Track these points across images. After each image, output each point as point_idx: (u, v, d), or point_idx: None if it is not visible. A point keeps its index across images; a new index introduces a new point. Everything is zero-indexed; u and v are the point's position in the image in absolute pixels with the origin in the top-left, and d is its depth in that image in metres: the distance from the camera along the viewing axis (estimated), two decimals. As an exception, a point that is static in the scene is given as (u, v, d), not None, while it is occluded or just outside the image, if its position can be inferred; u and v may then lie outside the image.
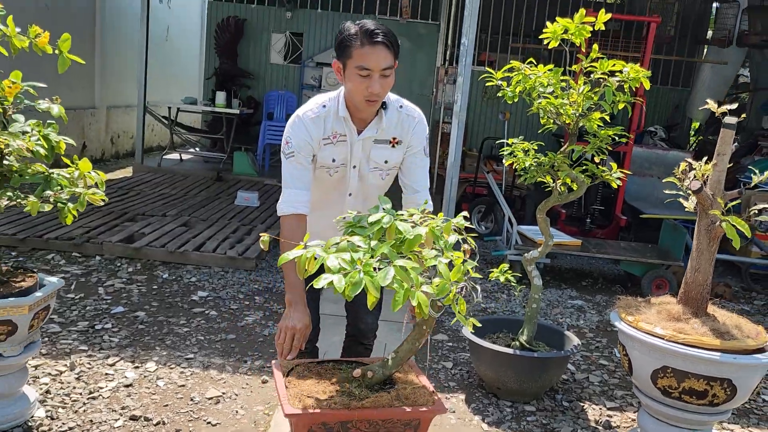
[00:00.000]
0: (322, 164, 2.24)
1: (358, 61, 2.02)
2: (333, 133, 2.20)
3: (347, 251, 1.52)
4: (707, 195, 2.43)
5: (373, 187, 2.29)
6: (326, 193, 2.32)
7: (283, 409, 1.64)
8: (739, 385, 2.36)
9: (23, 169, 2.43)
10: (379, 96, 2.09)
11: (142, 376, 3.01)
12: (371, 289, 1.44)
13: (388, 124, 2.21)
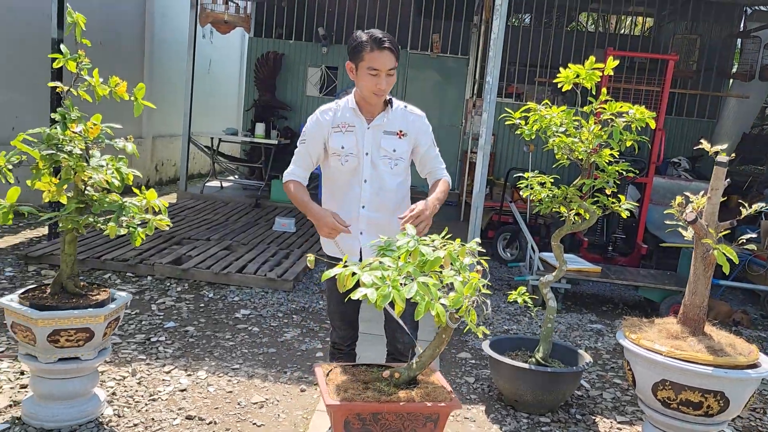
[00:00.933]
0: (334, 151, 2.63)
1: (369, 63, 2.48)
2: (342, 123, 2.63)
3: (379, 269, 1.85)
4: (702, 225, 2.71)
5: (386, 174, 2.64)
6: (344, 184, 2.67)
7: (324, 401, 1.97)
8: (731, 398, 2.61)
9: (102, 198, 2.83)
10: (384, 91, 2.55)
11: (194, 382, 3.37)
12: (398, 300, 1.77)
13: (394, 117, 2.64)
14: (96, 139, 2.86)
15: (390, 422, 1.98)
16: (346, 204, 2.66)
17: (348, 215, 2.61)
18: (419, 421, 2.01)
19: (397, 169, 2.67)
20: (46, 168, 2.75)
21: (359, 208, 2.65)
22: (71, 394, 2.83)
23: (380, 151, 2.63)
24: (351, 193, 2.66)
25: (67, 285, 2.87)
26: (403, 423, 2.00)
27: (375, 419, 1.97)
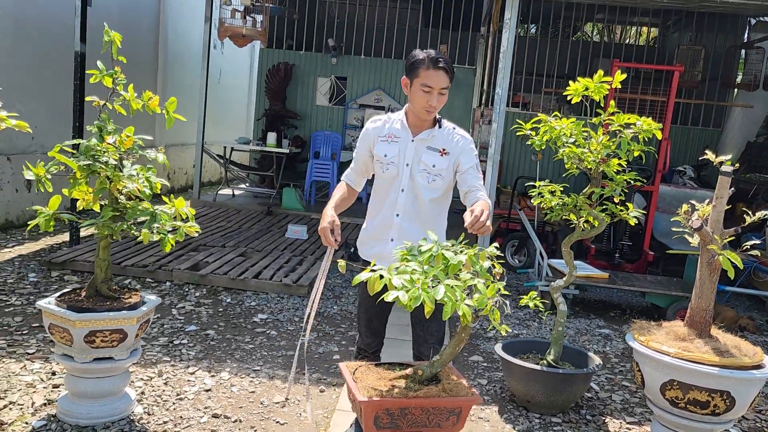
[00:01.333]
0: (377, 158, 2.76)
1: (424, 80, 2.59)
2: (390, 134, 2.75)
3: (407, 273, 1.99)
4: (707, 232, 2.84)
5: (422, 188, 2.70)
6: (384, 191, 2.78)
7: (356, 397, 2.09)
8: (737, 397, 2.72)
9: (135, 207, 2.97)
10: (435, 108, 2.65)
11: (218, 383, 3.50)
12: (427, 301, 1.90)
13: (440, 135, 2.72)
14: (129, 150, 3.01)
15: (416, 416, 2.11)
16: (383, 210, 2.78)
17: (384, 221, 2.74)
18: (443, 415, 2.14)
19: (434, 184, 2.72)
20: (83, 177, 2.90)
21: (394, 215, 2.73)
22: (105, 393, 2.97)
23: (420, 165, 2.70)
24: (388, 200, 2.76)
25: (101, 288, 3.02)
26: (428, 417, 2.12)
27: (402, 414, 2.10)
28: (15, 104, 6.36)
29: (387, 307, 2.88)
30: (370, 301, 2.78)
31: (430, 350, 2.72)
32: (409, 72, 2.65)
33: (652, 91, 8.54)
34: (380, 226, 2.74)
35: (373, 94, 10.82)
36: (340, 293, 5.51)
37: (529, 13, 11.06)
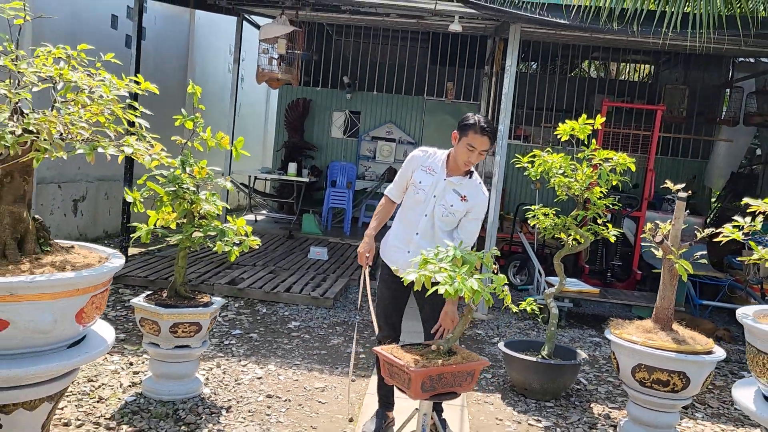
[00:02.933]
0: (413, 181, 3.39)
1: (470, 141, 3.20)
2: (429, 166, 3.38)
3: (445, 271, 2.68)
4: (667, 245, 3.55)
5: (438, 220, 3.33)
6: (410, 210, 3.40)
7: (408, 369, 2.75)
8: (691, 377, 3.41)
9: (208, 224, 3.71)
10: (472, 164, 3.30)
11: (267, 373, 4.19)
12: (467, 291, 2.59)
13: (467, 184, 3.34)
14: (205, 179, 3.76)
15: (447, 379, 2.80)
16: (406, 225, 3.41)
17: (405, 234, 3.38)
18: (463, 376, 2.83)
19: (446, 219, 3.32)
20: (168, 201, 3.64)
21: (414, 233, 3.35)
22: (181, 375, 3.67)
23: (443, 200, 3.32)
24: (413, 219, 3.39)
25: (179, 290, 3.73)
26: (454, 379, 2.81)
27: (439, 378, 2.79)
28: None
29: (402, 305, 3.55)
30: (389, 300, 3.48)
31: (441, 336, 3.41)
32: (460, 129, 3.27)
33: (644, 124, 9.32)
34: (402, 238, 3.40)
35: (385, 127, 11.63)
36: (361, 306, 6.21)
37: (529, 52, 11.90)
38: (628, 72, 14.42)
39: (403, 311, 3.56)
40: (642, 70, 14.48)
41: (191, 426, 3.34)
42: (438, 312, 3.37)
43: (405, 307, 3.56)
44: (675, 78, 9.74)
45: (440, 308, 3.38)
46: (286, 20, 6.87)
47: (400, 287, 3.36)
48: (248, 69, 11.50)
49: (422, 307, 3.46)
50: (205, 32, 11.32)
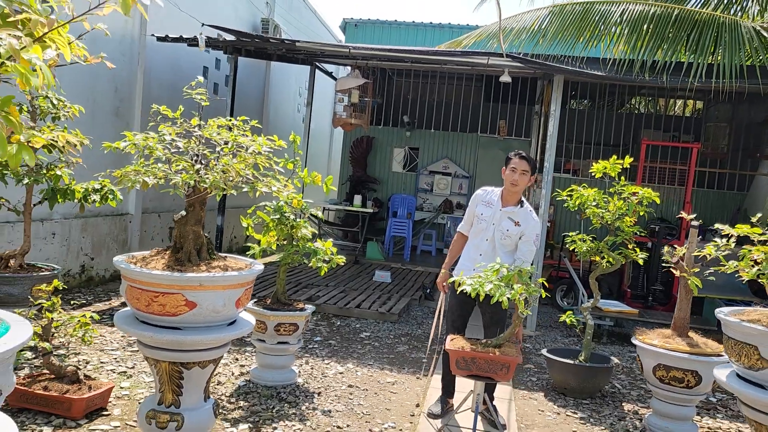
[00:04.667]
0: (476, 214, 4.25)
1: (511, 164, 4.12)
2: (488, 201, 4.24)
3: (491, 281, 3.51)
4: (682, 266, 4.27)
5: (498, 242, 4.14)
6: (476, 237, 4.25)
7: (446, 347, 3.58)
8: (703, 375, 4.08)
9: (303, 245, 4.63)
10: (517, 181, 4.10)
11: (347, 369, 5.06)
12: (505, 299, 3.40)
13: (519, 212, 4.17)
14: (301, 208, 4.70)
15: (481, 364, 3.59)
16: (472, 249, 4.25)
17: (471, 256, 4.20)
18: (498, 366, 3.61)
19: (504, 241, 4.14)
20: (273, 226, 4.59)
21: (478, 254, 4.18)
22: (281, 365, 4.57)
23: (500, 227, 4.15)
24: (477, 244, 4.24)
25: (281, 297, 4.66)
26: (488, 366, 3.60)
27: (473, 361, 3.59)
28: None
29: (467, 313, 4.36)
30: (456, 309, 4.30)
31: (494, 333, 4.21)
32: (505, 164, 4.20)
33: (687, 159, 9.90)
34: (469, 258, 4.23)
35: (441, 162, 12.53)
36: (422, 321, 7.03)
37: (578, 89, 12.62)
38: (677, 107, 14.92)
39: (467, 319, 4.32)
40: (691, 105, 14.96)
41: (292, 403, 4.23)
42: (496, 319, 4.18)
43: (469, 316, 4.33)
44: (716, 116, 10.28)
45: (498, 317, 4.19)
46: (359, 73, 7.91)
47: (466, 299, 4.16)
48: (314, 108, 12.65)
49: (484, 314, 4.27)
50: (277, 77, 12.55)
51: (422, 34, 13.40)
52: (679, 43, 6.28)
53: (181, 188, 2.86)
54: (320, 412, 4.14)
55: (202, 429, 3.06)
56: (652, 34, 6.32)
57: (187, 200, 3.04)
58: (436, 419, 4.14)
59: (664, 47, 6.31)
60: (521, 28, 6.82)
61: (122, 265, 2.88)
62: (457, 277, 3.68)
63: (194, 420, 3.00)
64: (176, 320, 2.84)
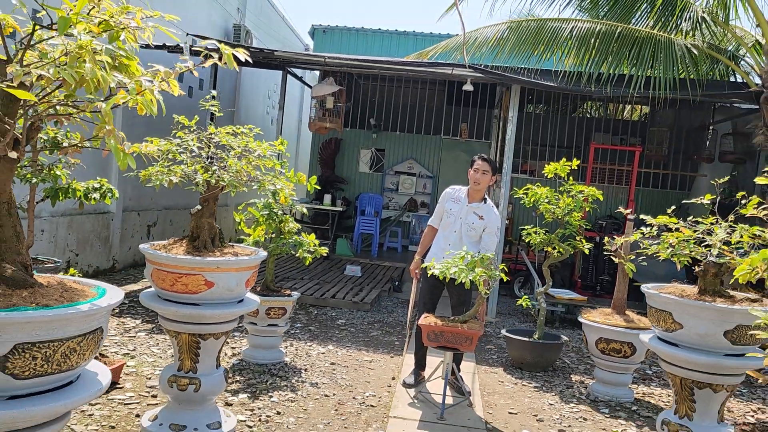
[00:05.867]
0: (445, 209, 4.88)
1: (475, 165, 4.77)
2: (455, 198, 4.87)
3: (457, 266, 4.12)
4: (620, 253, 4.96)
5: (465, 234, 4.78)
6: (446, 229, 4.87)
7: (419, 323, 4.18)
8: (637, 347, 4.78)
9: (289, 237, 5.17)
10: (479, 182, 4.76)
11: (328, 350, 5.61)
12: (467, 280, 4.01)
13: (483, 208, 4.81)
14: (288, 205, 5.23)
15: (448, 337, 4.20)
16: (443, 240, 4.86)
17: (441, 246, 4.80)
18: (462, 338, 4.22)
19: (470, 233, 4.79)
20: (263, 221, 5.12)
21: (447, 244, 4.79)
22: (270, 346, 5.10)
23: (466, 220, 4.79)
24: (446, 235, 4.86)
25: (269, 284, 5.19)
26: (454, 338, 4.21)
27: (441, 334, 4.20)
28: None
29: (437, 295, 4.97)
30: (428, 291, 4.90)
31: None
32: (470, 165, 4.85)
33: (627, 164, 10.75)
34: (439, 248, 4.83)
35: (407, 162, 13.16)
36: (392, 310, 7.63)
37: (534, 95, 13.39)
38: (625, 112, 15.86)
39: (437, 300, 4.93)
40: (638, 110, 15.94)
41: (282, 377, 4.76)
42: (463, 301, 4.81)
43: (439, 298, 4.94)
44: (659, 121, 11.17)
45: (465, 298, 4.81)
46: (333, 81, 8.46)
47: (437, 282, 4.75)
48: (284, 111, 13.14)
49: (452, 295, 4.89)
50: (248, 81, 12.97)
51: (387, 41, 14.02)
52: (622, 58, 7.03)
53: (202, 186, 3.38)
54: (308, 384, 4.69)
55: (215, 391, 3.58)
56: (598, 49, 7.06)
57: (201, 197, 3.56)
58: (410, 388, 4.74)
59: (608, 61, 7.05)
60: (482, 41, 7.48)
61: (149, 251, 3.38)
62: (429, 263, 4.28)
63: (209, 383, 3.52)
64: (196, 297, 3.36)
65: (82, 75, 1.64)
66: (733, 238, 3.35)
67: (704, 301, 3.31)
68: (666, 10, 6.97)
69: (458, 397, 4.65)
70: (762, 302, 3.33)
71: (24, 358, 1.77)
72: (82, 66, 1.63)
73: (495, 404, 4.66)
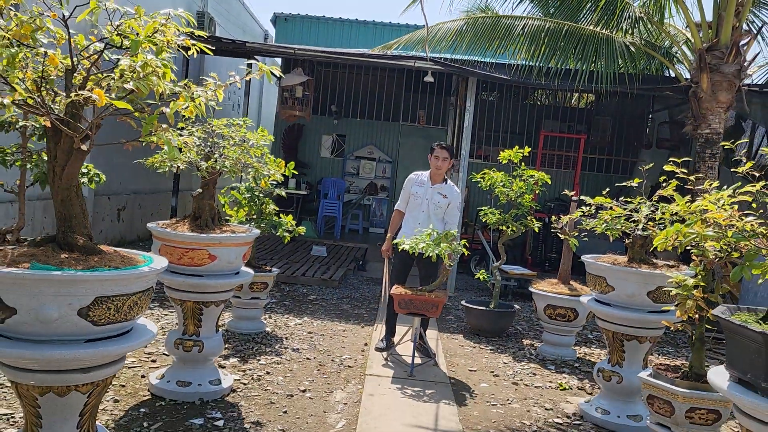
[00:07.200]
0: (412, 193, 5.45)
1: (435, 153, 5.36)
2: (420, 182, 5.45)
3: (425, 242, 4.69)
4: (565, 230, 5.63)
5: (432, 212, 5.35)
6: (414, 210, 5.43)
7: (392, 293, 4.76)
8: (579, 312, 5.47)
9: (269, 218, 5.65)
10: (440, 167, 5.35)
11: (304, 321, 6.14)
12: (433, 253, 4.59)
13: (446, 188, 5.41)
14: (268, 189, 5.70)
15: (416, 305, 4.79)
16: (412, 220, 5.41)
17: (411, 227, 5.36)
18: (429, 305, 4.81)
19: (436, 211, 5.37)
20: (246, 204, 5.58)
21: (417, 223, 5.35)
22: (253, 317, 5.59)
23: (432, 200, 5.38)
24: (416, 216, 5.42)
25: (251, 261, 5.66)
26: (423, 305, 4.80)
27: (411, 302, 4.78)
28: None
29: (407, 269, 5.54)
30: (399, 266, 5.46)
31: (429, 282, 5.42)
32: (430, 152, 5.42)
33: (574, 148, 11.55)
34: (409, 227, 5.39)
35: (367, 148, 13.67)
36: (358, 287, 8.19)
37: (488, 84, 14.05)
38: (573, 100, 16.73)
39: (407, 273, 5.50)
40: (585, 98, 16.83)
41: (266, 344, 5.27)
42: (430, 273, 5.38)
43: (409, 271, 5.51)
44: (603, 109, 11.99)
45: (432, 271, 5.38)
46: (301, 71, 8.89)
47: (407, 258, 5.31)
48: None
49: (420, 269, 5.46)
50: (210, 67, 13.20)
51: (347, 30, 14.43)
52: (568, 53, 7.69)
53: (205, 171, 3.84)
54: (290, 349, 5.22)
55: (215, 352, 4.08)
56: (547, 45, 7.71)
57: (202, 180, 4.02)
58: (382, 351, 5.31)
59: (556, 56, 7.70)
60: (442, 36, 8.03)
61: (158, 229, 3.84)
62: (400, 239, 4.85)
63: (210, 345, 4.01)
64: (200, 269, 3.84)
65: (148, 84, 2.11)
66: (657, 215, 4.02)
67: (632, 267, 3.98)
68: (608, 9, 7.65)
69: (425, 358, 5.25)
70: (678, 268, 4.02)
71: (101, 308, 2.24)
72: (149, 79, 2.10)
73: (457, 364, 5.28)
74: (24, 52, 2.18)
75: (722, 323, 2.58)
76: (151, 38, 2.14)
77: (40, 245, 2.50)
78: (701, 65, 6.99)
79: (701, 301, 3.17)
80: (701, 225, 3.08)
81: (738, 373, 2.50)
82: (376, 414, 4.00)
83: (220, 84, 2.45)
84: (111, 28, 2.22)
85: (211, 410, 3.81)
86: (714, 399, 3.13)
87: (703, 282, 3.19)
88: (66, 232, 2.49)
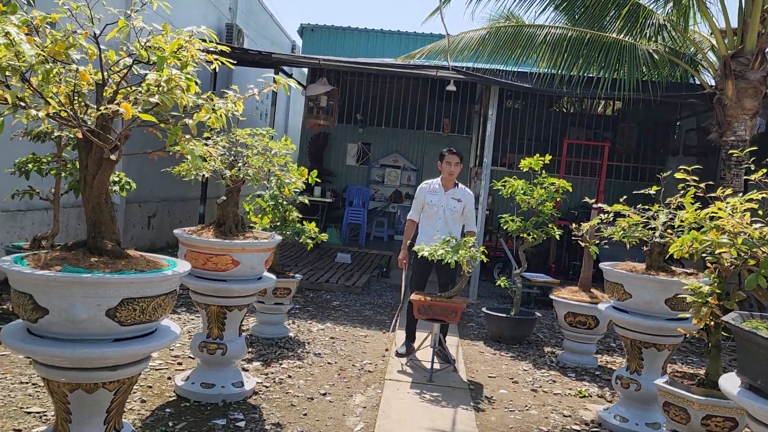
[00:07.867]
0: (426, 202, 5.53)
1: (446, 159, 5.46)
2: (432, 190, 5.54)
3: (443, 249, 4.76)
4: (585, 237, 5.64)
5: (449, 218, 5.45)
6: (430, 219, 5.52)
7: (411, 298, 4.83)
8: (600, 319, 5.47)
9: (293, 225, 5.77)
10: (452, 173, 5.44)
11: (326, 327, 6.24)
12: (452, 260, 4.66)
13: (458, 191, 5.50)
14: (291, 196, 5.83)
15: (436, 311, 4.85)
16: (429, 228, 5.50)
17: (429, 234, 5.45)
18: (448, 311, 4.87)
19: (453, 216, 5.48)
20: (270, 211, 5.71)
21: (435, 231, 5.45)
22: (276, 322, 5.71)
23: (447, 206, 5.48)
24: (432, 224, 5.51)
25: (275, 267, 5.78)
26: (442, 311, 4.86)
27: (429, 307, 4.84)
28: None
29: (426, 276, 5.62)
30: (418, 273, 5.54)
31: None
32: (440, 158, 5.52)
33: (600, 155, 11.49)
34: (427, 235, 5.48)
35: (391, 156, 13.78)
36: (381, 293, 8.27)
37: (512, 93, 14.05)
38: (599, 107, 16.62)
39: (426, 280, 5.59)
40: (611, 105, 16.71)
41: (289, 349, 5.38)
42: (448, 280, 5.45)
43: (428, 278, 5.59)
44: (629, 117, 11.92)
45: (450, 278, 5.45)
46: (326, 81, 9.05)
47: (426, 264, 5.39)
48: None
49: (439, 276, 5.53)
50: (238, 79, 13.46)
51: (372, 40, 14.59)
52: (591, 61, 7.70)
53: (228, 179, 3.97)
54: (312, 354, 5.32)
55: (238, 356, 4.19)
56: (569, 53, 7.73)
57: (226, 188, 4.15)
58: (402, 357, 5.38)
59: (578, 64, 7.72)
60: (465, 45, 8.11)
61: (184, 236, 3.97)
62: (419, 246, 4.93)
63: (233, 348, 4.13)
64: (224, 274, 3.97)
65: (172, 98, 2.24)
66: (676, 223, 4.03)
67: (649, 274, 4.00)
68: (631, 17, 7.65)
69: (444, 364, 5.30)
70: (696, 276, 4.02)
71: (128, 309, 2.37)
72: (174, 92, 2.22)
73: (476, 370, 5.32)
74: (58, 68, 2.32)
75: (733, 330, 2.60)
76: (176, 54, 2.27)
77: (72, 249, 2.64)
78: (726, 72, 6.95)
79: (716, 309, 3.18)
80: (716, 232, 3.10)
81: (749, 380, 2.52)
82: (394, 418, 4.07)
83: (239, 96, 2.57)
84: (139, 44, 2.35)
85: (234, 411, 3.92)
86: (730, 407, 3.14)
87: (718, 289, 3.21)
88: (96, 237, 2.63)
